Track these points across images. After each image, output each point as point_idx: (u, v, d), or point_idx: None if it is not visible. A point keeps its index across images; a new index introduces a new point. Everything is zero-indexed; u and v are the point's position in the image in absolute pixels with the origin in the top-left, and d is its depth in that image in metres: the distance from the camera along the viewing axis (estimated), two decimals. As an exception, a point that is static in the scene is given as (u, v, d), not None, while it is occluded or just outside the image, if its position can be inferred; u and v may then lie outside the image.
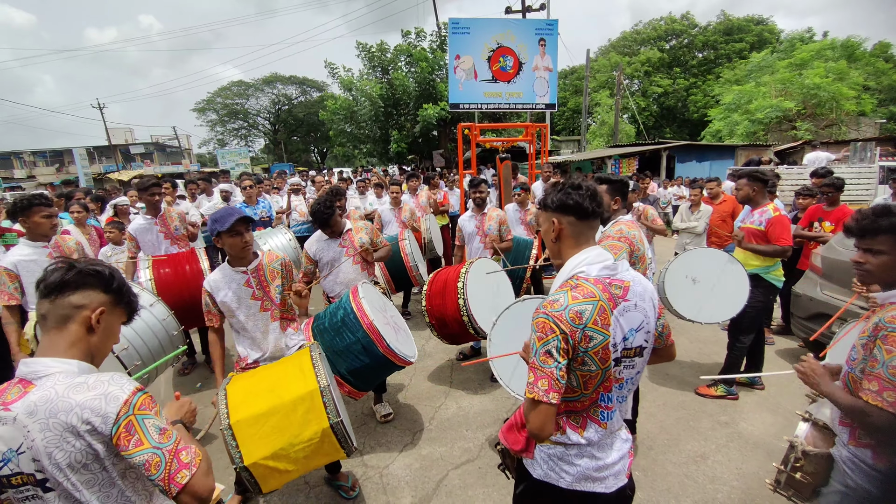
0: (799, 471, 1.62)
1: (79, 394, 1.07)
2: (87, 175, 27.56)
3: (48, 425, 1.04)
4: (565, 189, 1.39)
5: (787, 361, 4.25)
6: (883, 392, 1.33)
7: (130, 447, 1.07)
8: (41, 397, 1.05)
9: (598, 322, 1.25)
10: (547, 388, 1.22)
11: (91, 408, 1.06)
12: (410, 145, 20.52)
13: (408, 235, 4.88)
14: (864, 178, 8.52)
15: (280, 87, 41.90)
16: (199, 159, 43.05)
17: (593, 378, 1.29)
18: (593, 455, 1.36)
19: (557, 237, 1.42)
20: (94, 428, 1.06)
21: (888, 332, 1.35)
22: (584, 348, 1.25)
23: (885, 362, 1.34)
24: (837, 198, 4.48)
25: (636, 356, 1.37)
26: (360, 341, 2.72)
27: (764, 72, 21.33)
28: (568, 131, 33.15)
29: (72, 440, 1.05)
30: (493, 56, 7.34)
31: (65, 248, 3.16)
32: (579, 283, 1.31)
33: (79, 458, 1.07)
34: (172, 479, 1.09)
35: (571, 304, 1.25)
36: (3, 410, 1.05)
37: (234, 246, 2.35)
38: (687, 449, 3.03)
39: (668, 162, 15.44)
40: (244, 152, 31.48)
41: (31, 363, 1.10)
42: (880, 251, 1.45)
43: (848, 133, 17.80)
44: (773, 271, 3.47)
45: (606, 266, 1.33)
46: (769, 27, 32.78)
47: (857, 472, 1.46)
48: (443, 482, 2.80)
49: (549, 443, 1.39)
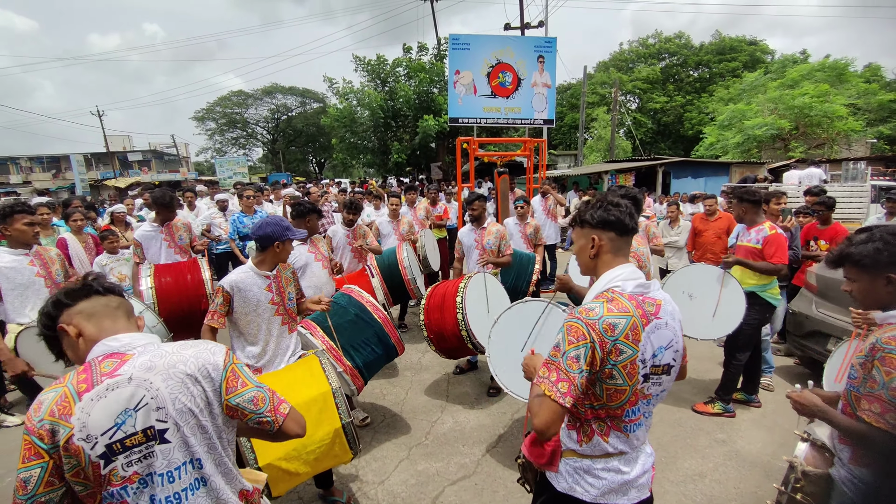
0: (799, 491, 1.61)
1: (188, 350, 1.23)
2: (84, 182, 27.50)
3: (169, 375, 1.17)
4: (605, 206, 1.41)
5: (784, 379, 4.26)
6: (885, 414, 1.34)
7: (238, 387, 1.25)
8: (155, 354, 1.19)
9: (630, 336, 1.27)
10: (566, 391, 1.22)
11: (203, 358, 1.23)
12: (409, 157, 20.64)
13: (406, 248, 4.88)
14: (856, 196, 8.65)
15: (280, 97, 42.12)
16: (196, 167, 43.05)
17: (620, 392, 1.30)
18: (619, 469, 1.37)
19: (597, 253, 1.43)
20: (208, 374, 1.22)
21: (885, 353, 1.37)
22: (613, 361, 1.26)
23: (885, 384, 1.35)
24: (829, 216, 4.55)
25: (664, 374, 1.38)
26: (377, 334, 3.07)
27: (757, 91, 21.72)
28: (565, 146, 33.44)
29: (191, 386, 1.19)
30: (493, 72, 7.44)
31: (46, 258, 3.12)
32: (615, 296, 1.33)
33: (198, 403, 1.20)
34: (277, 409, 1.29)
35: (606, 315, 1.27)
36: (111, 378, 1.13)
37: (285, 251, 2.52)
38: (684, 467, 3.01)
39: (663, 178, 15.58)
40: (242, 161, 31.51)
41: (121, 338, 1.20)
42: (852, 279, 1.52)
43: (840, 152, 18.07)
44: (769, 289, 3.49)
45: (640, 284, 1.36)
46: (761, 47, 33.44)
47: (856, 493, 1.46)
48: (439, 499, 2.76)
49: (576, 455, 1.40)
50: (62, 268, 3.20)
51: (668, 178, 15.67)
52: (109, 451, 1.11)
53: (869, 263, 1.43)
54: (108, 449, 1.11)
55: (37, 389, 2.71)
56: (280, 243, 2.46)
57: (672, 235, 5.93)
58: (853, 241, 1.50)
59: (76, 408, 1.09)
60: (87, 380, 1.13)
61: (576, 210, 1.51)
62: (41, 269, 3.04)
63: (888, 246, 1.40)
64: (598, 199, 1.47)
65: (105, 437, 1.10)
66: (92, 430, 1.09)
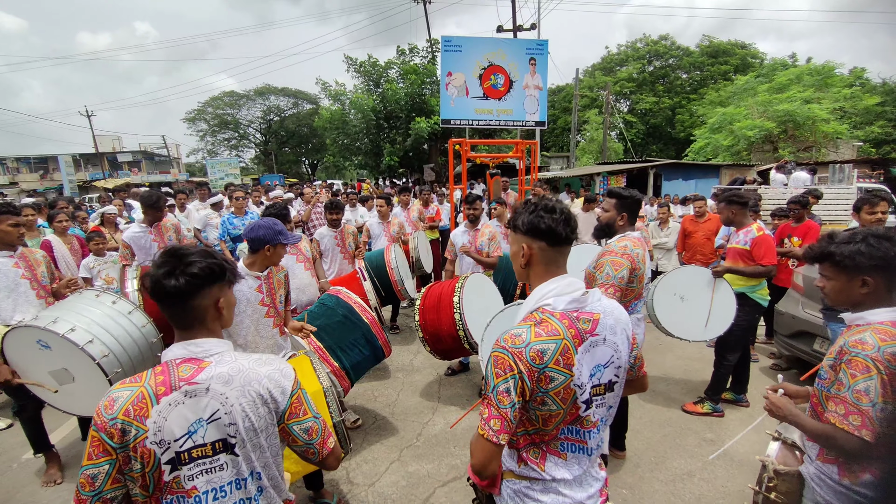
0: (773, 490, 1.62)
1: (262, 367, 1.22)
2: (72, 183, 27.15)
3: (244, 392, 1.17)
4: (537, 211, 1.28)
5: (772, 379, 4.31)
6: (849, 416, 1.36)
7: (300, 415, 1.25)
8: (232, 368, 1.18)
9: (560, 362, 1.17)
10: (499, 428, 1.15)
11: (275, 380, 1.22)
12: (402, 159, 20.65)
13: (394, 249, 4.87)
14: (842, 199, 8.77)
15: (272, 98, 41.94)
16: (188, 169, 42.70)
17: (554, 417, 1.21)
18: (559, 491, 1.27)
19: (526, 263, 1.31)
20: (276, 397, 1.21)
21: (852, 356, 1.39)
22: (543, 389, 1.17)
23: (851, 386, 1.37)
24: (803, 214, 4.64)
25: (607, 392, 1.29)
26: (364, 335, 3.08)
27: (747, 94, 21.99)
28: (557, 147, 33.62)
29: (259, 406, 1.19)
30: (485, 74, 7.47)
31: (31, 260, 3.07)
32: (544, 317, 1.22)
33: (261, 424, 1.19)
34: (325, 443, 1.29)
35: (534, 341, 1.16)
36: (189, 384, 1.12)
37: (277, 255, 2.51)
38: (673, 467, 3.04)
39: (654, 180, 15.72)
40: (234, 162, 31.26)
41: (200, 343, 1.19)
42: (828, 277, 1.54)
43: (827, 155, 18.34)
44: (758, 290, 3.54)
45: (574, 299, 1.24)
46: (752, 51, 33.83)
47: (824, 489, 1.48)
48: (429, 500, 2.76)
49: (515, 477, 1.30)
50: (48, 270, 3.15)
51: (659, 181, 15.81)
52: (178, 458, 1.11)
53: (848, 264, 1.45)
54: (177, 456, 1.11)
55: (22, 393, 2.67)
56: (271, 247, 2.44)
57: (662, 237, 6.02)
58: (836, 239, 1.51)
59: (153, 411, 1.08)
60: (164, 382, 1.11)
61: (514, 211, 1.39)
62: (26, 271, 2.99)
63: (870, 248, 1.42)
64: (532, 202, 1.33)
65: (177, 444, 1.10)
66: (166, 436, 1.09)
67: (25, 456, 3.24)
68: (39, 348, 2.36)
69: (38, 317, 2.46)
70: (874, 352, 1.36)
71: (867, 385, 1.34)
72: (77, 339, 2.32)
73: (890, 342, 1.36)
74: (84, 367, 2.36)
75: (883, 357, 1.34)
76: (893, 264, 1.41)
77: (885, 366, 1.34)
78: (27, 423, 2.97)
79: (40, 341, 2.36)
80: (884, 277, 1.43)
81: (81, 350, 2.31)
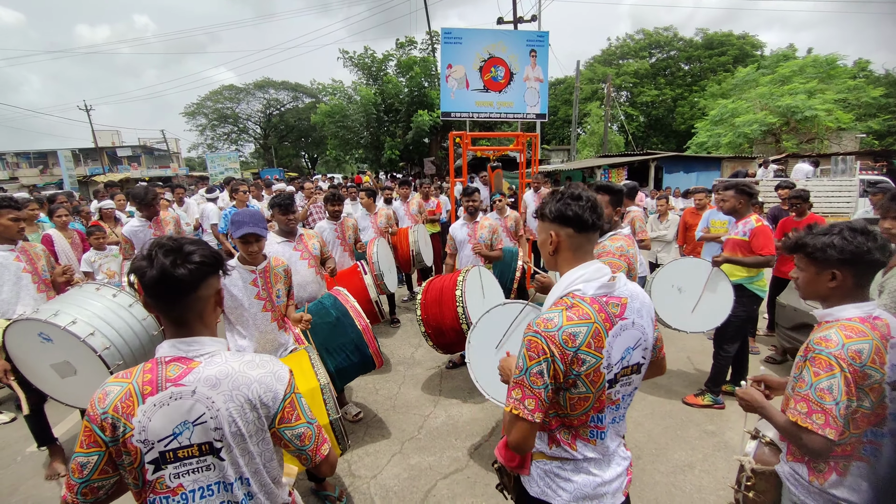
0: (752, 489, 1.60)
1: (253, 370, 1.19)
2: (72, 177, 27.07)
3: (232, 396, 1.14)
4: (564, 199, 1.32)
5: (773, 371, 4.31)
6: (812, 415, 1.33)
7: (293, 420, 1.22)
8: (221, 371, 1.15)
9: (592, 345, 1.21)
10: (533, 407, 1.19)
11: (266, 384, 1.18)
12: (402, 152, 20.57)
13: (378, 243, 4.85)
14: (844, 190, 8.74)
15: (272, 92, 41.70)
16: (187, 163, 42.60)
17: (583, 400, 1.26)
18: (590, 471, 1.32)
19: (555, 250, 1.35)
20: (265, 403, 1.18)
21: (815, 353, 1.37)
22: (575, 371, 1.21)
23: (813, 384, 1.35)
24: (805, 208, 4.62)
25: (633, 374, 1.34)
26: (354, 341, 3.00)
27: (749, 85, 21.84)
28: (558, 140, 33.48)
29: (248, 412, 1.16)
30: (485, 66, 7.40)
31: (32, 254, 3.07)
32: (575, 302, 1.25)
33: (251, 429, 1.17)
34: (318, 449, 1.25)
35: (566, 325, 1.20)
36: (176, 386, 1.11)
37: (243, 251, 2.48)
38: (674, 458, 3.05)
39: (656, 172, 15.67)
40: (234, 157, 31.12)
41: (191, 342, 1.16)
42: (800, 267, 1.52)
43: (830, 147, 18.25)
44: (756, 281, 3.53)
45: (603, 284, 1.28)
46: (750, 40, 33.46)
47: (799, 489, 1.47)
48: (431, 492, 2.77)
49: (546, 458, 1.35)
50: (48, 264, 3.15)
51: (660, 173, 15.76)
52: (162, 458, 1.11)
53: (819, 257, 1.42)
54: (161, 456, 1.11)
55: (24, 386, 2.67)
56: (238, 240, 2.44)
57: (661, 229, 5.99)
58: (813, 231, 1.49)
59: (138, 409, 1.09)
60: (152, 381, 1.11)
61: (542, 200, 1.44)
62: (28, 265, 3.00)
63: (843, 242, 1.38)
64: (559, 191, 1.38)
65: (161, 444, 1.10)
66: (150, 436, 1.09)
67: (29, 449, 3.26)
68: (41, 341, 2.37)
69: (39, 310, 2.47)
70: (838, 349, 1.33)
71: (830, 383, 1.32)
72: (78, 331, 2.32)
73: (856, 339, 1.33)
74: (86, 359, 2.36)
75: (847, 354, 1.32)
76: (865, 259, 1.37)
77: (849, 363, 1.31)
78: (30, 417, 2.99)
79: (42, 334, 2.36)
80: (853, 272, 1.40)
81: (83, 342, 2.31)
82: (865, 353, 1.32)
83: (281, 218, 3.31)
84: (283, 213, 3.28)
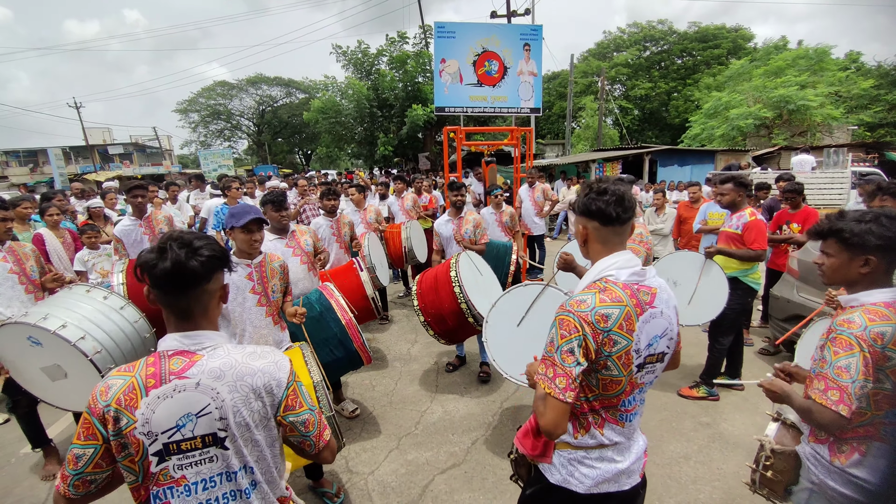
0: (770, 469, 1.65)
1: (256, 360, 1.21)
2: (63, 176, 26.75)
3: (236, 387, 1.16)
4: (590, 194, 1.38)
5: (766, 363, 4.35)
6: (828, 391, 1.37)
7: (297, 407, 1.24)
8: (224, 363, 1.17)
9: (624, 327, 1.25)
10: (565, 386, 1.21)
11: (269, 373, 1.21)
12: (396, 148, 20.49)
13: (369, 237, 4.84)
14: (836, 183, 8.79)
15: (265, 88, 41.31)
16: (180, 160, 42.16)
17: (615, 383, 1.30)
18: (612, 459, 1.38)
19: (584, 241, 1.43)
20: (271, 390, 1.20)
21: (837, 334, 1.41)
22: (607, 352, 1.25)
23: (832, 363, 1.39)
24: (799, 201, 4.66)
25: (658, 362, 1.39)
26: (337, 335, 2.99)
27: (742, 78, 21.87)
28: (553, 135, 33.41)
29: (253, 401, 1.18)
30: (479, 60, 7.36)
31: (20, 254, 3.03)
32: (608, 286, 1.30)
33: (255, 418, 1.19)
34: (321, 435, 1.29)
35: (598, 306, 1.25)
36: (179, 378, 1.12)
37: (245, 241, 2.48)
38: (669, 450, 3.07)
39: (650, 166, 15.68)
40: (227, 154, 30.82)
41: (194, 335, 1.18)
42: (829, 253, 1.53)
43: (822, 139, 18.34)
44: (751, 274, 3.55)
45: (635, 272, 1.33)
46: (742, 33, 33.48)
47: (819, 469, 1.51)
48: (429, 487, 2.78)
49: (570, 448, 1.39)
50: (37, 264, 3.11)
51: (654, 167, 15.77)
52: (165, 450, 1.12)
53: (856, 242, 1.44)
54: (165, 448, 1.12)
55: (14, 389, 2.64)
56: (230, 232, 2.49)
57: (658, 223, 6.03)
58: (846, 217, 1.50)
59: (142, 402, 1.10)
60: (155, 374, 1.12)
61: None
62: (14, 266, 2.95)
63: (881, 228, 1.41)
64: (589, 184, 1.43)
65: (164, 435, 1.11)
66: (154, 428, 1.10)
67: (24, 450, 3.24)
68: (30, 345, 2.33)
69: (28, 313, 2.43)
70: (860, 330, 1.37)
71: (849, 362, 1.35)
72: (69, 335, 2.29)
73: (879, 322, 1.37)
74: (76, 363, 2.34)
75: (868, 336, 1.35)
76: None
77: (870, 344, 1.35)
78: (23, 419, 2.96)
79: (31, 338, 2.33)
80: (886, 258, 1.43)
81: (73, 347, 2.28)
82: (888, 336, 1.35)
83: (273, 215, 3.28)
84: (276, 209, 3.26)
